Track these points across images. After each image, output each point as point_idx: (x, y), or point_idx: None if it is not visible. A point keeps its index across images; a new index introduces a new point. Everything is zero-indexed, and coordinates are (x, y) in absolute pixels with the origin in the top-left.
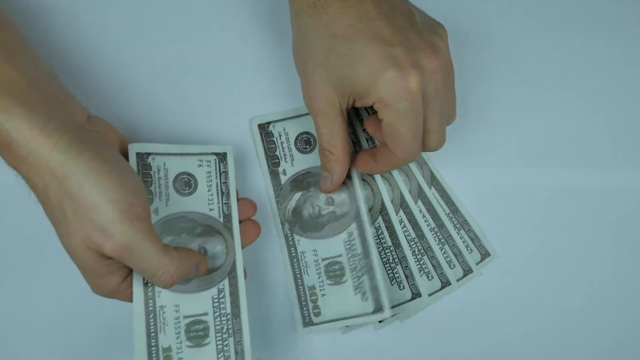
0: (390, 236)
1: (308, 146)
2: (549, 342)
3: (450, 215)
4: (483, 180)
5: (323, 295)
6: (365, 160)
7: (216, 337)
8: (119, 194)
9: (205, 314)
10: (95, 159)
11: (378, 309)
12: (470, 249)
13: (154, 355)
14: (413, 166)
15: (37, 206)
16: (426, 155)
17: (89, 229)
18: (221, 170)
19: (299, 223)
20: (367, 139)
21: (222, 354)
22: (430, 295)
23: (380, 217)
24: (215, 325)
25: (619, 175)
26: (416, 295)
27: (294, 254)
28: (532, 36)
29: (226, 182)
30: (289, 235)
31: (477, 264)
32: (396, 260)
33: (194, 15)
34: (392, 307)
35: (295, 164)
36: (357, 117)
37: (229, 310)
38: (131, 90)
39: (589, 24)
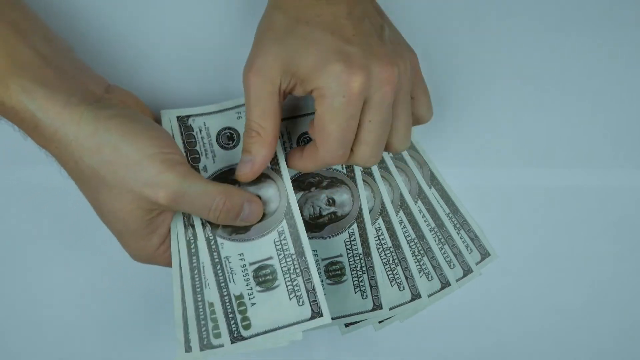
0: (390, 237)
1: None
2: (549, 342)
3: (450, 215)
4: (483, 180)
5: (324, 294)
6: (293, 154)
7: (285, 278)
8: (156, 147)
9: (270, 257)
10: (124, 122)
11: (377, 306)
12: (470, 249)
13: (227, 304)
14: (413, 166)
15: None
16: (426, 155)
17: (137, 187)
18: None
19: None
20: None
21: (293, 294)
22: (429, 296)
23: (380, 218)
24: (282, 267)
25: (619, 175)
26: (416, 296)
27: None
28: (532, 36)
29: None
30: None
31: (477, 264)
32: (396, 261)
33: None
34: (391, 308)
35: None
36: None
37: (292, 251)
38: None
39: (588, 25)
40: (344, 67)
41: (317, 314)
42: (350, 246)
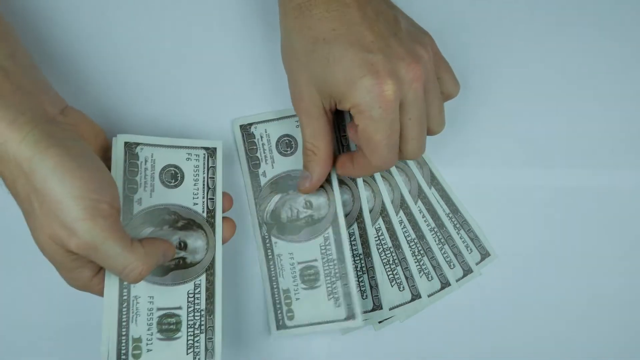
0: (390, 237)
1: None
2: (549, 342)
3: (450, 215)
4: (483, 180)
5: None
6: (343, 162)
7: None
8: (84, 190)
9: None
10: (62, 154)
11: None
12: (470, 249)
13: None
14: (413, 166)
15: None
16: (426, 155)
17: (55, 225)
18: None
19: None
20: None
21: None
22: (429, 296)
23: (380, 218)
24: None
25: (619, 175)
26: (416, 296)
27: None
28: (532, 36)
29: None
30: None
31: (477, 264)
32: (396, 261)
33: (186, 11)
34: (391, 308)
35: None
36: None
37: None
38: (119, 84)
39: (589, 25)
40: (372, 80)
41: (351, 316)
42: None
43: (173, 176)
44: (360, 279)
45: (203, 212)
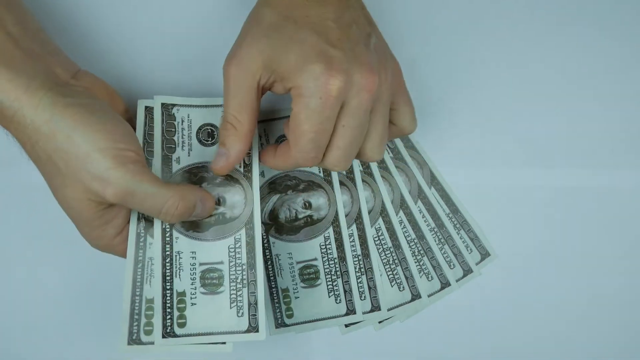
0: (390, 237)
1: (210, 139)
2: (549, 341)
3: (450, 215)
4: (483, 180)
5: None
6: (267, 151)
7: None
8: (109, 141)
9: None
10: (80, 112)
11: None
12: (470, 249)
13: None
14: (413, 166)
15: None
16: (426, 155)
17: (86, 179)
18: None
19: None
20: None
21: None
22: (429, 296)
23: (380, 218)
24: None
25: (619, 175)
26: (416, 296)
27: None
28: (532, 36)
29: None
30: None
31: (477, 264)
32: (396, 261)
33: None
34: (391, 308)
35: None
36: None
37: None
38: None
39: (589, 24)
40: (324, 69)
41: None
42: (325, 250)
43: (210, 134)
44: (358, 280)
45: (240, 167)
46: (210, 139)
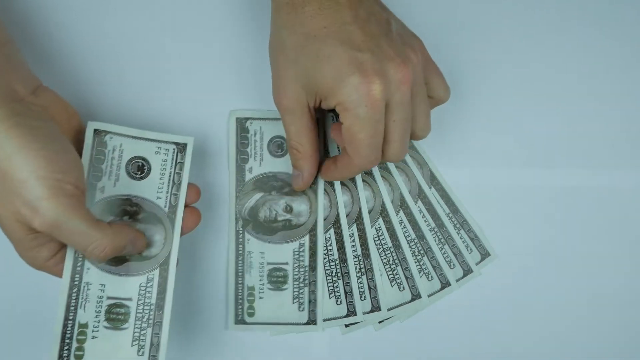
0: (390, 237)
1: (280, 150)
2: (549, 341)
3: (450, 215)
4: (483, 180)
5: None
6: (327, 166)
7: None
8: (48, 170)
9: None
10: (26, 134)
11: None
12: (470, 249)
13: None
14: (413, 166)
15: None
16: (426, 155)
17: (18, 203)
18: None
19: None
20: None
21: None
22: (429, 296)
23: (380, 218)
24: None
25: (619, 175)
26: (416, 296)
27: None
28: (532, 36)
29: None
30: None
31: (477, 264)
32: (396, 261)
33: (181, 6)
34: (391, 308)
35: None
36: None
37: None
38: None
39: (588, 25)
40: (360, 78)
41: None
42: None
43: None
44: (359, 280)
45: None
46: (280, 150)
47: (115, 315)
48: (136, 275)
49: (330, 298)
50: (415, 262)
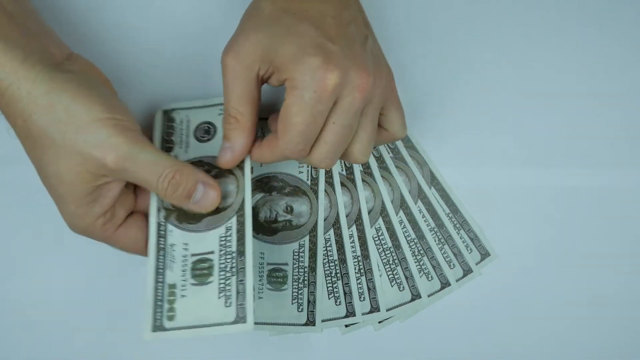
0: (390, 237)
1: (207, 135)
2: (549, 342)
3: (450, 215)
4: (483, 180)
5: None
6: (256, 145)
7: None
8: (108, 112)
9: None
10: (79, 85)
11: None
12: (470, 249)
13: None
14: (413, 166)
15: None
16: (426, 155)
17: (87, 148)
18: None
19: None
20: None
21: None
22: (429, 296)
23: (380, 218)
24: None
25: (619, 175)
26: (416, 296)
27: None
28: (532, 36)
29: None
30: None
31: (477, 264)
32: (396, 261)
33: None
34: (390, 308)
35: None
36: None
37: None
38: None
39: (588, 24)
40: (321, 63)
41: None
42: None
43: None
44: (358, 281)
45: (307, 179)
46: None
47: (200, 270)
48: (215, 228)
49: (329, 299)
50: (415, 262)
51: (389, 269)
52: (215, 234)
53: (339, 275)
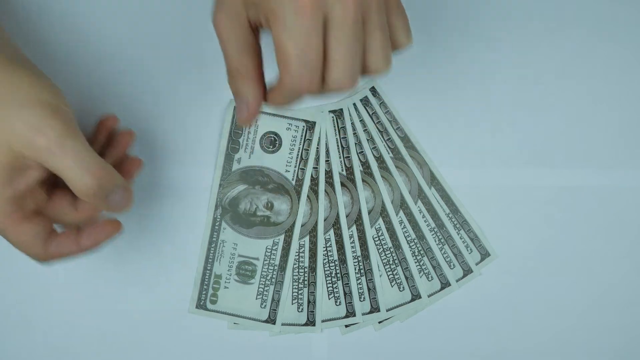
0: (390, 237)
1: (271, 146)
2: (549, 342)
3: (450, 215)
4: (483, 180)
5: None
6: (268, 92)
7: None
8: (44, 94)
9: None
10: (23, 66)
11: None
12: (470, 249)
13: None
14: (413, 166)
15: None
16: (426, 155)
17: (19, 126)
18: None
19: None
20: (367, 140)
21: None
22: (429, 296)
23: (380, 218)
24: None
25: (619, 175)
26: (416, 296)
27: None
28: (531, 36)
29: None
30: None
31: (477, 264)
32: (396, 261)
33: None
34: (391, 308)
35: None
36: (358, 117)
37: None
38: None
39: (588, 24)
40: None
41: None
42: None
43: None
44: (358, 281)
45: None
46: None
47: (244, 271)
48: (264, 238)
49: (329, 299)
50: (415, 262)
51: (389, 269)
52: (263, 244)
53: (339, 275)
